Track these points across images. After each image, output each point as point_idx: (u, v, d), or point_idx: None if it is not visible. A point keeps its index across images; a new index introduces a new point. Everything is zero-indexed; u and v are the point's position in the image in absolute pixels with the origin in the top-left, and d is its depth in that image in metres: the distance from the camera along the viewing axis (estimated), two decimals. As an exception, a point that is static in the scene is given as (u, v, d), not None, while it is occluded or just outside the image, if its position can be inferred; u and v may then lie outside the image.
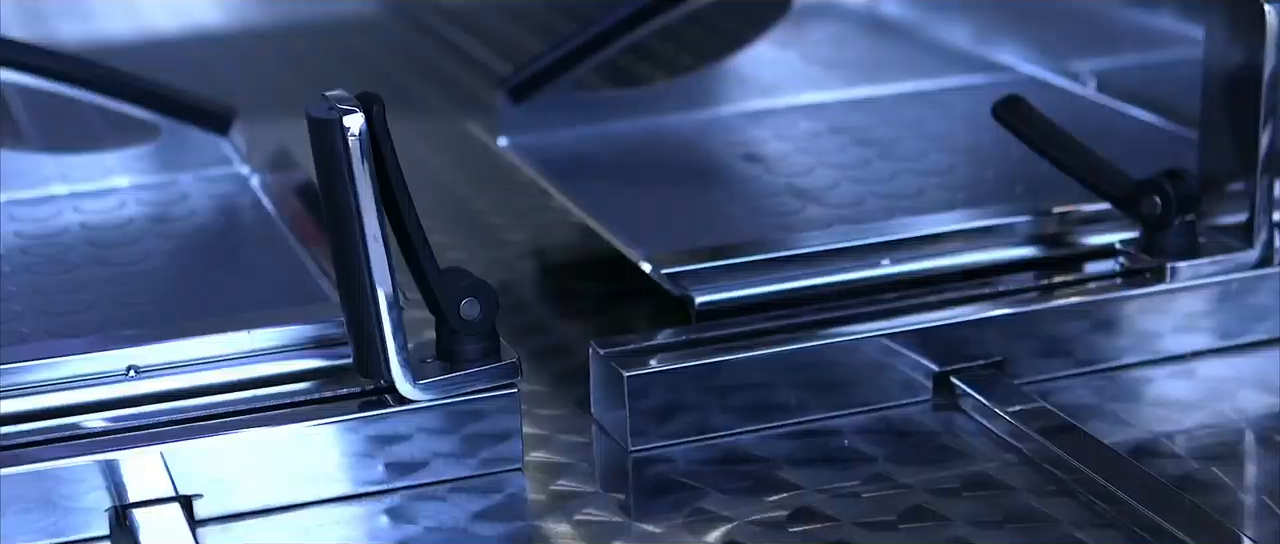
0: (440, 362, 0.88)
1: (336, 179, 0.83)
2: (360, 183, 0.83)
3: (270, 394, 0.90)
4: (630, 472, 0.90)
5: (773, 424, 0.93)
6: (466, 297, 0.87)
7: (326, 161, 0.84)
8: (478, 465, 0.89)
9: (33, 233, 1.10)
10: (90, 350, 0.90)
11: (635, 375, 0.90)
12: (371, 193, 0.84)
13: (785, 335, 0.94)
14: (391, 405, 0.88)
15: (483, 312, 0.87)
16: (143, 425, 0.87)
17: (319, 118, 0.83)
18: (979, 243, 1.02)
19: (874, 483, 0.87)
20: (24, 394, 0.89)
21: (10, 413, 0.88)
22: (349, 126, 0.83)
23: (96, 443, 0.86)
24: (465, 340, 0.88)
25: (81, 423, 0.88)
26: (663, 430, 0.91)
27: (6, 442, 0.86)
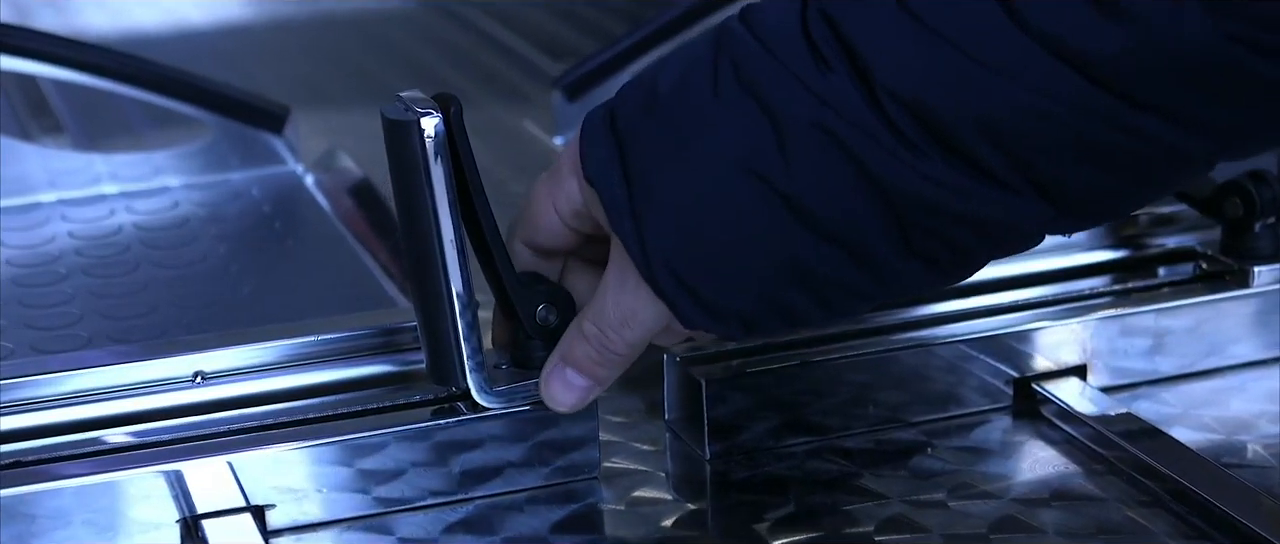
0: (514, 369, 0.87)
1: (412, 182, 0.82)
2: (437, 186, 0.81)
3: (341, 400, 0.88)
4: (708, 480, 0.88)
5: (851, 431, 0.91)
6: (543, 303, 0.85)
7: (402, 164, 0.82)
8: (554, 474, 0.87)
9: (87, 233, 1.09)
10: (155, 356, 0.88)
11: (713, 381, 0.89)
12: (449, 196, 0.82)
13: (862, 341, 0.92)
14: (465, 412, 0.86)
15: (560, 319, 0.85)
16: (210, 434, 0.85)
17: (395, 119, 0.81)
18: (1054, 246, 1.00)
19: (961, 493, 0.86)
20: (87, 402, 0.87)
21: (73, 421, 0.86)
22: (426, 128, 0.81)
23: (163, 452, 0.84)
24: (540, 348, 0.86)
25: (147, 431, 0.86)
26: (740, 438, 0.90)
27: (71, 451, 0.84)
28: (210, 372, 0.88)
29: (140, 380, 0.87)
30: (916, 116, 0.74)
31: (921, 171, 0.74)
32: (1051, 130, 0.73)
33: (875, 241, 0.76)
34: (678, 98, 0.78)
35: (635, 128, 0.79)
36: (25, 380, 0.87)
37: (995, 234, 0.77)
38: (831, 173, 0.75)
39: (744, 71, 0.76)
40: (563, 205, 0.83)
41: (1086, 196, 0.76)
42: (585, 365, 0.83)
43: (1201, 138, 0.73)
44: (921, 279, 0.79)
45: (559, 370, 0.84)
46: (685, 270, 0.78)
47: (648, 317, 0.81)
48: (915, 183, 0.74)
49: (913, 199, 0.75)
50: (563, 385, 0.84)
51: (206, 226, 1.08)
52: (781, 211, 0.76)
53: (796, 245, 0.77)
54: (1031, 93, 0.72)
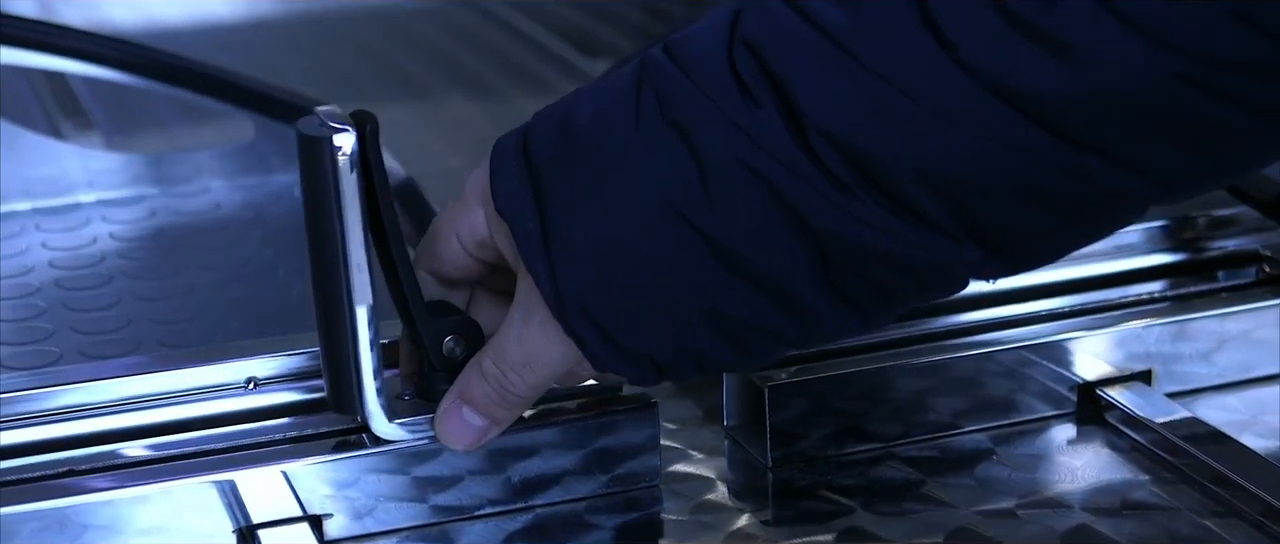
0: (418, 401, 0.83)
1: (321, 201, 0.78)
2: (347, 207, 0.77)
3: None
4: (770, 488, 0.87)
5: (913, 438, 0.89)
6: (450, 334, 0.82)
7: (312, 181, 0.78)
8: (614, 482, 0.86)
9: (130, 235, 1.07)
10: (207, 362, 0.86)
11: (776, 387, 0.87)
12: (358, 218, 0.78)
13: (925, 346, 0.91)
14: (368, 444, 0.83)
15: (467, 351, 0.82)
16: (264, 442, 0.84)
17: (308, 134, 0.78)
18: (1114, 249, 0.99)
19: (1030, 502, 0.84)
20: (138, 408, 0.85)
21: (124, 429, 0.85)
22: (340, 146, 0.77)
23: (217, 461, 0.83)
24: (444, 380, 0.82)
25: (201, 439, 0.84)
26: (803, 445, 0.88)
27: (122, 459, 0.83)
28: (263, 377, 0.86)
29: (192, 386, 0.86)
30: (848, 157, 0.71)
31: (852, 213, 0.72)
32: (989, 172, 0.71)
33: (800, 285, 0.74)
34: (597, 131, 0.75)
35: (551, 160, 0.76)
36: (75, 387, 0.85)
37: (924, 277, 0.74)
38: (757, 214, 0.72)
39: (668, 106, 0.73)
40: (466, 235, 0.80)
41: (1019, 240, 0.73)
42: (483, 405, 0.80)
43: (1141, 180, 0.71)
44: (844, 323, 0.76)
45: (456, 408, 0.81)
46: (600, 312, 0.76)
47: (552, 358, 0.78)
48: (845, 225, 0.72)
49: (842, 241, 0.72)
50: (459, 424, 0.81)
51: (250, 229, 1.07)
52: (703, 253, 0.74)
53: (717, 288, 0.74)
54: (970, 134, 0.70)
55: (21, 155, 1.16)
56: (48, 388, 0.85)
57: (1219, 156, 0.71)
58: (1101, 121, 0.69)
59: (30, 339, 0.93)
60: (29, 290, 1.00)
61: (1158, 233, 0.99)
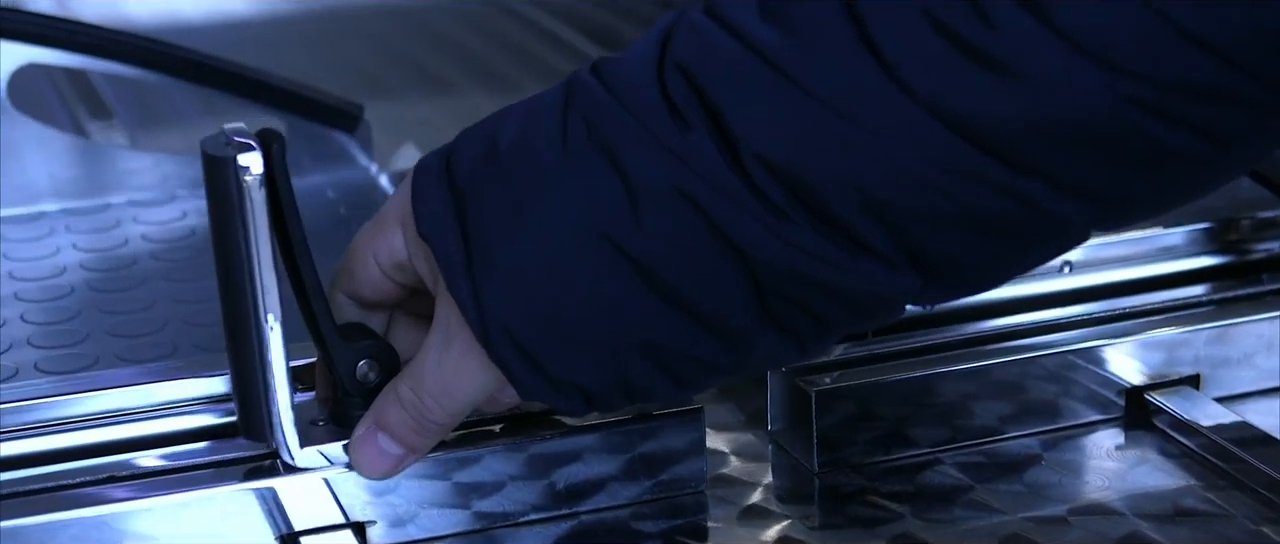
0: (332, 427, 0.81)
1: (228, 222, 0.76)
2: (253, 228, 0.75)
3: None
4: (820, 494, 0.86)
5: (959, 443, 0.88)
6: (365, 358, 0.80)
7: (218, 202, 0.76)
8: (659, 487, 0.85)
9: (162, 236, 1.06)
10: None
11: (823, 392, 0.86)
12: (266, 239, 0.76)
13: (970, 351, 0.90)
14: (281, 471, 0.81)
15: (381, 376, 0.80)
16: (306, 448, 0.83)
17: (212, 154, 0.75)
18: (1157, 251, 0.98)
19: (1082, 508, 0.83)
20: (178, 414, 0.84)
21: (165, 434, 0.84)
22: (243, 165, 0.75)
23: (259, 468, 0.82)
24: (359, 405, 0.80)
25: (242, 444, 0.83)
26: (850, 450, 0.87)
27: (164, 465, 0.82)
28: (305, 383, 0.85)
29: (228, 392, 0.85)
30: (783, 181, 0.69)
31: (787, 239, 0.69)
32: (930, 197, 0.68)
33: (732, 311, 0.72)
34: (521, 153, 0.73)
35: (474, 181, 0.74)
36: (115, 391, 0.84)
37: (860, 304, 0.72)
38: (688, 238, 0.70)
39: (596, 129, 0.71)
40: (384, 258, 0.78)
41: (958, 268, 0.71)
42: (400, 433, 0.78)
43: (1087, 205, 0.69)
44: (777, 350, 0.74)
45: (371, 435, 0.79)
46: (526, 338, 0.73)
47: (473, 386, 0.76)
48: (780, 251, 0.70)
49: (776, 268, 0.70)
50: (375, 452, 0.79)
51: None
52: (633, 279, 0.71)
53: (648, 316, 0.72)
54: (910, 157, 0.68)
55: (50, 155, 1.15)
56: (84, 393, 0.84)
57: (1168, 182, 0.69)
58: (1046, 146, 0.67)
59: (65, 343, 0.92)
60: (61, 292, 0.99)
61: (1201, 236, 0.98)
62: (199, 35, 1.48)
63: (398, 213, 0.77)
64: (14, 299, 0.98)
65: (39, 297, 0.98)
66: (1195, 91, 0.66)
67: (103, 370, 0.89)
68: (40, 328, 0.94)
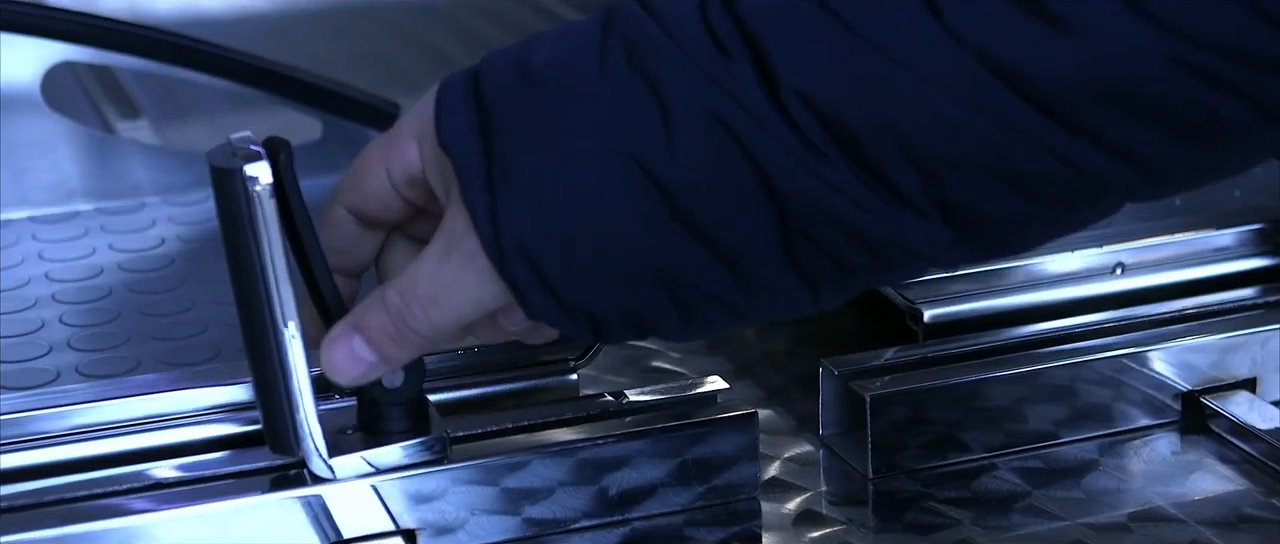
0: (361, 434, 0.80)
1: (240, 234, 0.74)
2: (265, 239, 0.74)
3: (483, 418, 0.84)
4: (875, 500, 0.84)
5: (1015, 448, 0.87)
6: None
7: (228, 214, 0.74)
8: (712, 493, 0.83)
9: (198, 236, 1.05)
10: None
11: (878, 396, 0.85)
12: (281, 249, 0.74)
13: (1024, 354, 0.89)
14: (308, 481, 0.79)
15: (407, 381, 0.79)
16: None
17: (220, 166, 0.74)
18: (1211, 251, 0.96)
19: (1142, 514, 0.82)
20: (222, 420, 0.83)
21: (208, 439, 0.83)
22: (253, 176, 0.73)
23: (302, 475, 0.80)
24: (389, 412, 0.80)
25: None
26: (903, 455, 0.86)
27: (208, 471, 0.80)
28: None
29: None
30: (823, 121, 0.68)
31: (822, 177, 0.68)
32: (973, 148, 0.67)
33: (754, 247, 0.70)
34: (555, 72, 0.72)
35: (504, 98, 0.72)
36: (158, 396, 0.83)
37: (886, 255, 0.70)
38: (719, 166, 0.69)
39: (636, 52, 0.70)
40: (397, 171, 0.76)
41: (991, 224, 0.70)
42: (376, 337, 0.75)
43: (1129, 168, 0.68)
44: (793, 295, 0.72)
45: (346, 337, 0.76)
46: (540, 255, 0.71)
47: (465, 298, 0.74)
48: (813, 188, 0.68)
49: (806, 206, 0.69)
50: (348, 355, 0.76)
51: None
52: (656, 203, 0.70)
53: (667, 242, 0.71)
54: (955, 104, 0.67)
55: (81, 153, 1.13)
56: (126, 397, 0.83)
57: (1212, 151, 0.69)
58: (1094, 104, 0.66)
59: (106, 345, 0.91)
60: (100, 293, 0.98)
61: (1253, 237, 0.97)
62: (221, 29, 1.47)
63: (415, 127, 0.75)
64: (52, 301, 0.97)
65: (77, 298, 0.97)
66: (1251, 60, 0.65)
67: (145, 375, 0.88)
68: (80, 330, 0.93)
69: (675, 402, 0.84)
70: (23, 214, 1.09)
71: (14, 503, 0.78)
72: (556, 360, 0.88)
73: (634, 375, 0.95)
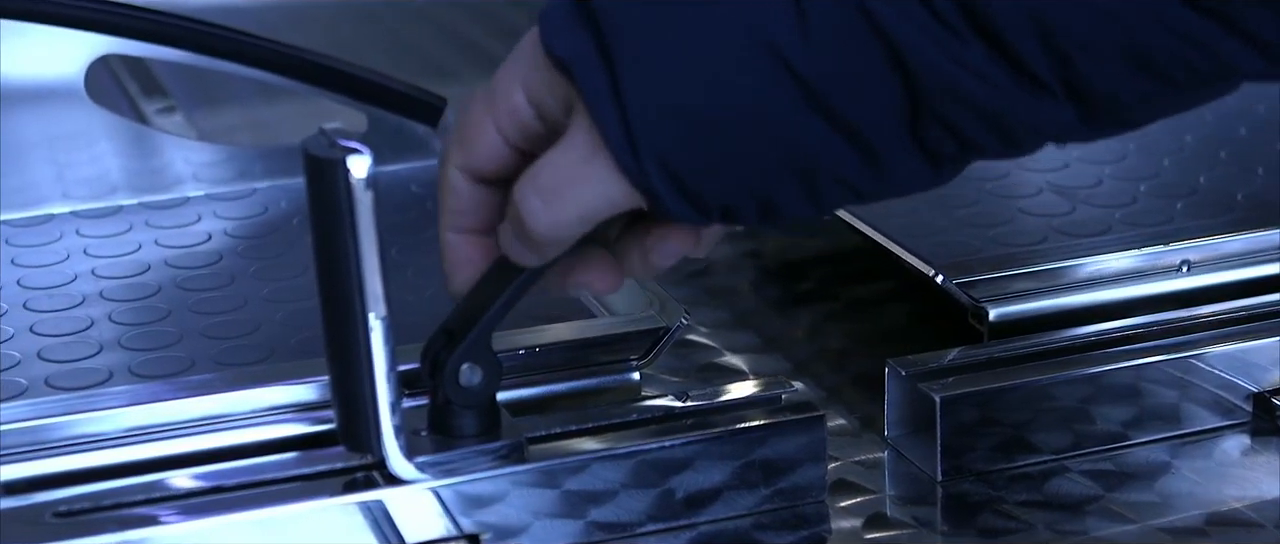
0: (434, 436, 0.79)
1: (335, 226, 0.73)
2: (363, 233, 0.73)
3: (546, 419, 0.82)
4: (944, 504, 0.83)
5: (1084, 450, 0.86)
6: (466, 362, 0.78)
7: (323, 205, 0.73)
8: (778, 497, 0.82)
9: (245, 232, 1.04)
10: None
11: (949, 398, 0.83)
12: (376, 243, 0.73)
13: (1092, 355, 0.87)
14: (381, 483, 0.78)
15: (484, 381, 0.78)
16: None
17: (318, 156, 0.73)
18: (1275, 248, 0.95)
19: (1219, 517, 0.81)
20: (281, 421, 0.82)
21: (267, 441, 0.81)
22: (353, 169, 0.72)
23: (357, 480, 0.79)
24: (461, 413, 0.78)
25: (337, 453, 0.80)
26: (973, 457, 0.84)
27: (266, 475, 0.79)
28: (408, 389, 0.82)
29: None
30: (961, 5, 0.67)
31: (955, 56, 0.68)
32: (1107, 30, 0.67)
33: (885, 131, 0.70)
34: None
35: (616, 4, 0.70)
36: (215, 397, 0.82)
37: (1012, 134, 0.70)
38: (855, 52, 0.68)
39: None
40: (506, 122, 0.74)
41: (1117, 105, 0.70)
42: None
43: (1256, 54, 0.68)
44: (916, 177, 0.72)
45: (462, 239, 0.77)
46: (675, 157, 0.70)
47: (588, 195, 0.72)
48: (946, 68, 0.68)
49: (940, 86, 0.68)
50: (462, 257, 0.77)
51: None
52: (794, 94, 0.69)
53: (804, 132, 0.70)
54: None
55: (121, 146, 1.12)
56: (183, 399, 0.82)
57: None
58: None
59: (158, 345, 0.89)
60: (148, 291, 0.96)
61: (1318, 230, 0.96)
62: (254, 17, 1.45)
63: (515, 73, 0.74)
64: (100, 298, 0.95)
65: (125, 296, 0.95)
66: None
67: (200, 375, 0.86)
68: (131, 329, 0.91)
69: (740, 403, 0.83)
70: (66, 208, 1.07)
71: (72, 507, 0.77)
72: (618, 360, 0.86)
73: (694, 374, 0.94)
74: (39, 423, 0.81)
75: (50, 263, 1.00)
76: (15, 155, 1.08)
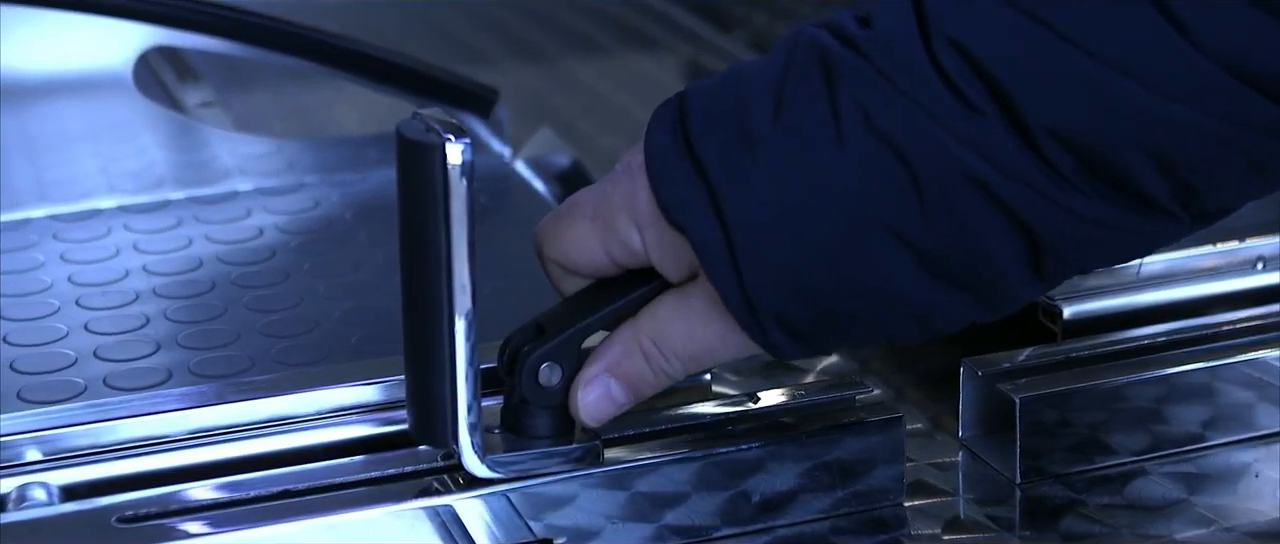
0: (506, 434, 0.77)
1: (427, 212, 0.71)
2: (456, 221, 0.71)
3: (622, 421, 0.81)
4: (1024, 506, 0.82)
5: (1163, 452, 0.84)
6: (546, 360, 0.76)
7: (415, 191, 0.72)
8: (855, 500, 0.80)
9: (298, 227, 1.02)
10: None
11: (1028, 398, 0.82)
12: (467, 234, 0.72)
13: (1169, 353, 0.86)
14: (453, 488, 0.77)
15: (564, 381, 0.76)
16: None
17: (414, 140, 0.71)
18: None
19: (1309, 523, 0.79)
20: (346, 423, 0.81)
21: (333, 443, 0.80)
22: (450, 155, 0.71)
23: (429, 485, 0.77)
24: (536, 412, 0.77)
25: (413, 456, 0.79)
26: (1051, 459, 0.83)
27: (336, 479, 0.77)
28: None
29: (397, 398, 0.81)
30: (1075, 152, 0.68)
31: (1077, 211, 0.69)
32: (1219, 151, 0.68)
33: (1007, 280, 0.71)
34: (788, 139, 0.70)
35: (732, 168, 0.71)
36: (281, 398, 0.81)
37: (1130, 255, 0.73)
38: (977, 222, 0.69)
39: (873, 115, 0.69)
40: (617, 251, 0.75)
41: (1228, 208, 0.72)
42: (635, 384, 0.76)
43: None
44: (1030, 299, 0.74)
45: (603, 381, 0.76)
46: (793, 316, 0.72)
47: (722, 354, 0.75)
48: (1069, 223, 0.69)
49: (1062, 239, 0.69)
50: (605, 398, 0.76)
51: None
52: (912, 265, 0.70)
53: (923, 294, 0.71)
54: (1210, 118, 0.67)
55: (165, 137, 1.10)
56: (248, 401, 0.81)
57: None
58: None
59: (215, 344, 0.88)
60: (202, 288, 0.94)
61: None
62: (293, 5, 1.44)
63: (630, 207, 0.74)
64: (153, 295, 0.94)
65: (179, 293, 0.94)
66: None
67: (261, 375, 0.85)
68: (186, 327, 0.90)
69: (814, 404, 0.81)
70: (113, 202, 1.05)
71: (137, 513, 0.75)
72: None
73: (761, 374, 0.92)
74: (101, 425, 0.79)
75: (100, 259, 0.98)
76: (60, 148, 1.07)
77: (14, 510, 0.76)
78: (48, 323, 0.90)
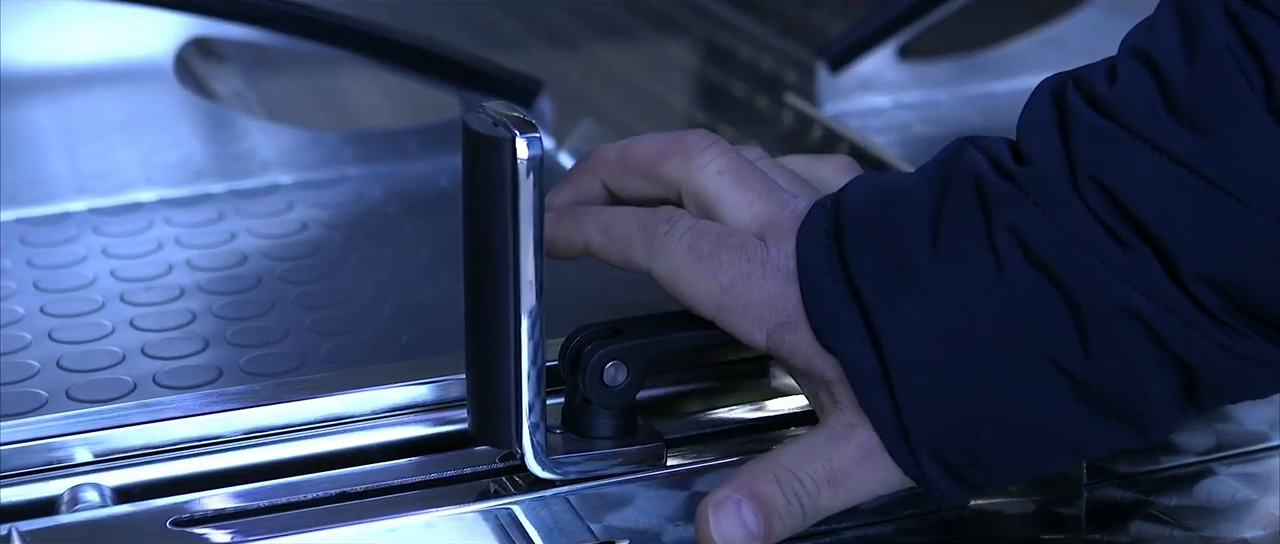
0: (568, 434, 0.76)
1: (494, 207, 0.71)
2: (524, 216, 0.70)
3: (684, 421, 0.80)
4: (1090, 508, 0.81)
5: (1229, 451, 0.83)
6: (612, 360, 0.75)
7: (482, 185, 0.71)
8: (919, 502, 0.79)
9: (340, 221, 1.01)
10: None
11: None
12: (535, 229, 0.71)
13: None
14: (512, 491, 0.76)
15: (629, 382, 0.76)
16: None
17: (483, 133, 0.70)
18: None
19: (1381, 525, 0.78)
20: (400, 423, 0.79)
21: (385, 444, 0.79)
22: (520, 150, 0.70)
23: (488, 487, 0.77)
24: (598, 413, 0.76)
25: (462, 456, 0.78)
26: (1115, 460, 0.82)
27: (389, 481, 0.76)
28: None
29: (453, 397, 0.79)
30: (1225, 294, 0.68)
31: (1234, 350, 0.69)
32: None
33: (1163, 412, 0.71)
34: (945, 270, 0.70)
35: (887, 296, 0.71)
36: (335, 398, 0.79)
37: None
38: (1135, 357, 0.69)
39: (1032, 247, 0.69)
40: (792, 355, 0.74)
41: None
42: (770, 512, 0.74)
43: None
44: (1182, 427, 0.76)
45: (734, 503, 0.74)
46: (947, 449, 0.72)
47: (871, 488, 0.74)
48: (1224, 360, 0.69)
49: (1217, 375, 0.70)
50: (736, 522, 0.74)
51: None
52: (1070, 397, 0.70)
53: (1080, 425, 0.71)
54: None
55: (202, 129, 1.09)
56: (302, 400, 0.79)
57: None
58: None
59: (264, 341, 0.86)
60: (247, 284, 0.93)
61: None
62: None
63: (773, 316, 0.74)
64: (198, 291, 0.92)
65: (225, 288, 0.93)
66: None
67: (312, 374, 0.83)
68: (234, 323, 0.88)
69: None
70: (152, 195, 1.04)
71: (192, 515, 0.74)
72: (747, 359, 0.83)
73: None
74: (154, 425, 0.78)
75: (143, 253, 0.97)
76: (98, 139, 1.05)
77: (67, 512, 0.75)
78: (93, 319, 0.89)
